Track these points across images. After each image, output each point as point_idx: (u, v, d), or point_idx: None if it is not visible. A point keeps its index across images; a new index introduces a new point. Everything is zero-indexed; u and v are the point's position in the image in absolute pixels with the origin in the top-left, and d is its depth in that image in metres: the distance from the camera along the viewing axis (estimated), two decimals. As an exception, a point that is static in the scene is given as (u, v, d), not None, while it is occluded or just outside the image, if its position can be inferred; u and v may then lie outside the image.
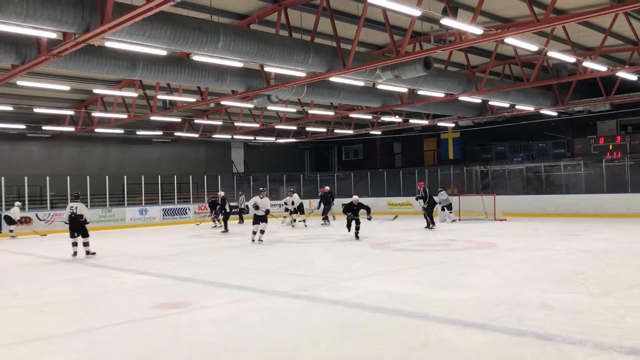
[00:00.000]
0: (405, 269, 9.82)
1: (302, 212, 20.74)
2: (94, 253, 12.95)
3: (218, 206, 20.77)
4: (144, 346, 5.48)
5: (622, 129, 26.60)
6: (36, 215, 22.12)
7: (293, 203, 20.75)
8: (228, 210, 20.09)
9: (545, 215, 22.95)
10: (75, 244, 12.79)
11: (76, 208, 12.75)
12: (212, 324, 6.25)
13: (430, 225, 18.13)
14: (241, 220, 25.15)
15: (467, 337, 5.39)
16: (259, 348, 5.28)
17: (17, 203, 21.00)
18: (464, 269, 9.71)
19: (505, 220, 20.90)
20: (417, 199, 19.11)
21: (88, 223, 12.95)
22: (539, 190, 26.38)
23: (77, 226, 12.76)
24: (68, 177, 23.44)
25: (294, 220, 20.63)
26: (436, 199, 19.97)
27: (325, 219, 21.78)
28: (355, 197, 15.72)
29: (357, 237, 15.07)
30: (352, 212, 15.26)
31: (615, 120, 26.36)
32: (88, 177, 24.19)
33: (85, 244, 12.84)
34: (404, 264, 10.39)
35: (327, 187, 24.67)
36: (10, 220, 20.35)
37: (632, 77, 18.09)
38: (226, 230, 19.47)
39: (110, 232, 21.67)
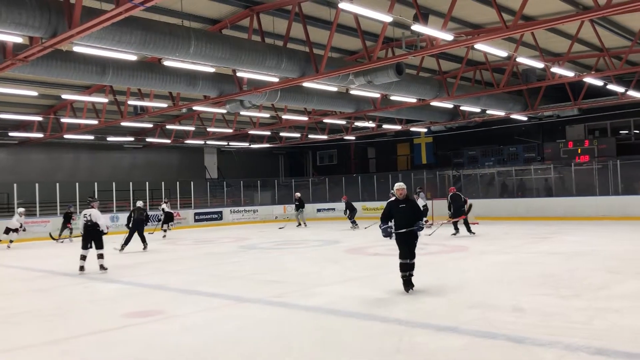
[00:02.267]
0: (379, 274, 9.84)
1: (166, 222, 20.00)
2: (106, 269, 11.13)
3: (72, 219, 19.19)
4: (116, 356, 5.36)
5: (590, 133, 27.26)
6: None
7: (164, 210, 20.31)
8: (133, 224, 15.70)
9: (516, 219, 23.32)
10: (84, 258, 11.10)
11: (90, 215, 11.10)
12: (185, 332, 6.16)
13: (466, 232, 16.33)
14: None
15: (440, 341, 5.43)
16: (233, 356, 5.23)
17: (20, 210, 19.35)
18: (437, 273, 9.77)
19: (477, 223, 21.07)
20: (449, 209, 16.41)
21: (105, 233, 11.29)
22: (510, 194, 26.81)
23: (93, 236, 11.11)
24: (37, 185, 22.93)
25: (165, 231, 19.62)
26: (421, 202, 19.20)
27: (353, 222, 21.94)
28: (399, 184, 8.35)
29: (411, 285, 7.94)
30: (401, 218, 8.04)
31: (583, 124, 26.97)
32: (57, 184, 23.70)
33: (100, 256, 11.14)
34: (378, 269, 10.42)
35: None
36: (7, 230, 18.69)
37: (599, 83, 18.55)
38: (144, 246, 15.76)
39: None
